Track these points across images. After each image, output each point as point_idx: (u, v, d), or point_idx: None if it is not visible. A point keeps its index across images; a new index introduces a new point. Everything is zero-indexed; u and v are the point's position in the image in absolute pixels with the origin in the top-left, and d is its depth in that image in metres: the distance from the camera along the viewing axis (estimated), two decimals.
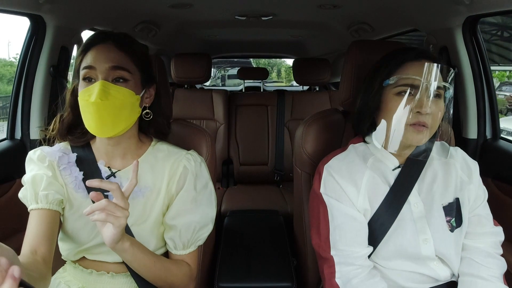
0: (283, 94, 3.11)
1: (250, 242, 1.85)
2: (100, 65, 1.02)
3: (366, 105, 1.12)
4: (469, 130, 1.87)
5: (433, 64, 1.00)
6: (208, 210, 1.16)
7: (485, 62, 1.84)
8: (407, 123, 1.01)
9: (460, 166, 1.15)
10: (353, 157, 1.15)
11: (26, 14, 1.62)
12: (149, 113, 1.13)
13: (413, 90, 1.01)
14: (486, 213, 1.16)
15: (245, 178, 3.02)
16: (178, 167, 1.14)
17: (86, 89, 1.02)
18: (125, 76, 1.04)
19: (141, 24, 2.48)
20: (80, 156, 1.13)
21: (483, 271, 1.09)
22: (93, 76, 1.03)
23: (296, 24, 2.91)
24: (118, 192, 0.89)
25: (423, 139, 1.02)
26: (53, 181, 1.09)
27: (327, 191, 1.11)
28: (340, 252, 1.06)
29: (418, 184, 1.12)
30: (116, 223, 0.88)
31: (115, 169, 1.12)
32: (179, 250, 1.12)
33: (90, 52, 1.05)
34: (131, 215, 1.08)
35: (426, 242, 1.07)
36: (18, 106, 1.76)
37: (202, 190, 1.15)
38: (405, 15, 2.07)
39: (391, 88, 1.05)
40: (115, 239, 0.91)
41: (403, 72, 1.04)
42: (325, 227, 1.09)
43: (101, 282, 1.11)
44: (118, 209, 0.87)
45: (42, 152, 1.12)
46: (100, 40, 1.06)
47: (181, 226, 1.10)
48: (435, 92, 1.00)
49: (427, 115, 0.99)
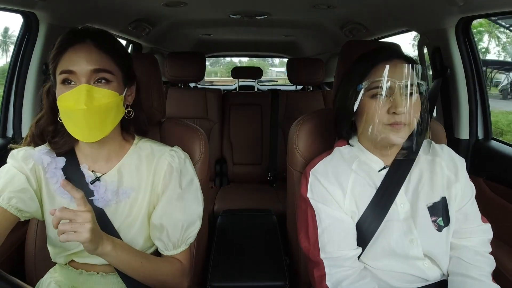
0: (277, 93, 3.11)
1: (243, 241, 1.85)
2: (81, 68, 0.96)
3: (344, 109, 1.13)
4: (461, 131, 1.89)
5: (403, 63, 1.02)
6: (194, 207, 1.14)
7: (477, 63, 1.86)
8: (385, 124, 1.03)
9: (446, 165, 1.15)
10: (338, 160, 1.16)
11: (19, 11, 1.61)
12: (130, 111, 1.10)
13: (387, 90, 1.02)
14: (473, 211, 1.16)
15: (239, 177, 3.01)
16: (162, 165, 1.12)
17: (67, 94, 0.96)
18: (107, 78, 0.99)
19: (135, 22, 2.47)
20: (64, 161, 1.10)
21: (472, 270, 1.09)
22: (73, 79, 0.97)
23: (290, 23, 2.92)
24: (80, 200, 0.88)
25: (403, 136, 1.03)
26: (28, 189, 1.04)
27: (314, 196, 1.11)
28: (329, 254, 1.07)
29: (405, 184, 1.12)
30: (81, 229, 0.85)
31: (100, 172, 1.10)
32: (170, 251, 1.10)
33: (67, 54, 0.97)
34: (117, 218, 1.08)
35: (413, 242, 1.08)
36: (10, 104, 1.74)
37: (188, 187, 1.13)
38: (399, 15, 2.08)
39: (366, 91, 1.06)
40: (90, 245, 0.89)
41: (376, 74, 1.04)
42: (313, 231, 1.09)
43: (92, 282, 1.10)
44: (78, 215, 0.85)
45: (27, 153, 1.08)
46: (77, 40, 0.99)
47: (168, 226, 1.08)
48: (409, 90, 1.01)
49: (403, 114, 1.00)
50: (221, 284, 1.52)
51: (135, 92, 1.12)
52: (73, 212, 0.86)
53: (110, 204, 1.08)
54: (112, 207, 1.08)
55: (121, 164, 1.12)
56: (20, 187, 1.03)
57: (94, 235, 0.88)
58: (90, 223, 0.86)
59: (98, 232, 0.91)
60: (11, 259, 1.38)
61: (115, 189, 1.08)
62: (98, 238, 0.91)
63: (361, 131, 1.12)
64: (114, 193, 1.08)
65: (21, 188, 1.03)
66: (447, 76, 1.88)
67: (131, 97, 1.11)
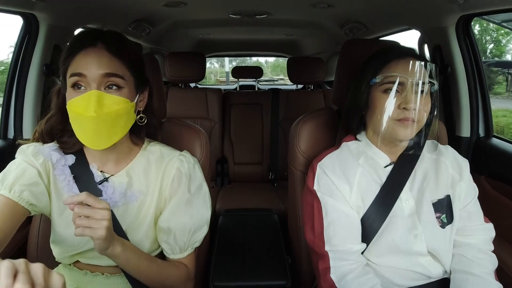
0: (278, 93, 3.11)
1: (244, 241, 1.85)
2: (92, 73, 0.94)
3: (355, 104, 1.15)
4: (462, 128, 1.89)
5: (417, 61, 1.04)
6: (203, 212, 1.14)
7: (478, 60, 1.86)
8: (394, 119, 1.05)
9: (451, 164, 1.17)
10: (345, 155, 1.17)
11: (19, 12, 1.61)
12: (143, 117, 1.08)
13: (399, 86, 1.05)
14: (476, 210, 1.18)
15: (240, 177, 3.01)
16: (171, 169, 1.11)
17: (76, 99, 0.95)
18: (118, 83, 0.97)
19: (135, 23, 2.47)
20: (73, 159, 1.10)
21: (475, 268, 1.09)
22: (84, 83, 0.95)
23: (290, 22, 2.91)
24: (89, 198, 0.86)
25: (411, 133, 1.06)
26: (40, 183, 1.03)
27: (321, 188, 1.12)
28: (334, 247, 1.07)
29: (410, 181, 1.13)
30: (97, 226, 0.85)
31: (108, 173, 1.10)
32: (176, 254, 1.10)
33: (78, 57, 0.96)
34: (125, 220, 1.08)
35: (417, 238, 1.09)
36: (11, 105, 1.74)
37: (197, 192, 1.13)
38: (399, 14, 2.08)
39: (378, 86, 1.09)
40: (102, 244, 0.88)
41: (389, 70, 1.07)
42: (319, 223, 1.10)
43: (96, 283, 1.10)
44: (96, 212, 0.85)
45: (36, 148, 1.07)
46: (89, 42, 0.97)
47: (176, 229, 1.08)
48: (420, 87, 1.03)
49: (413, 110, 1.03)
50: (223, 284, 1.52)
51: (147, 97, 1.11)
52: (91, 208, 0.85)
53: (117, 205, 1.08)
54: (121, 209, 1.08)
55: (130, 167, 1.11)
56: (31, 180, 1.01)
57: (109, 233, 0.88)
58: (107, 221, 0.86)
59: (112, 232, 0.91)
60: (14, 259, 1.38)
61: (123, 191, 1.08)
62: (111, 237, 0.91)
63: (370, 126, 1.15)
64: (122, 195, 1.08)
65: (33, 182, 1.01)
66: (447, 74, 1.88)
67: (143, 102, 1.09)
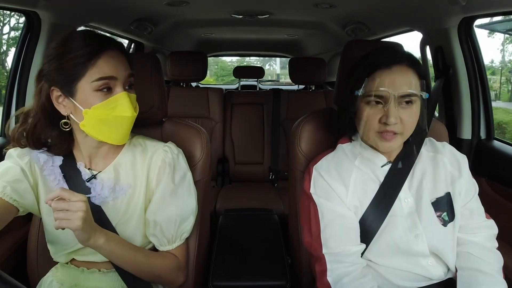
0: (279, 93, 3.11)
1: (244, 241, 1.85)
2: (121, 74, 1.00)
3: (345, 109, 1.16)
4: (464, 130, 1.89)
5: (402, 70, 1.03)
6: (188, 202, 1.15)
7: (480, 62, 1.86)
8: (376, 131, 1.05)
9: (449, 161, 1.16)
10: (341, 156, 1.17)
11: (22, 10, 1.61)
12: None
13: (381, 99, 1.03)
14: (478, 207, 1.17)
15: (240, 176, 3.01)
16: (156, 160, 1.13)
17: (108, 101, 0.98)
18: (132, 82, 1.05)
19: (137, 21, 2.47)
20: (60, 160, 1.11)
21: (482, 265, 1.09)
22: (112, 85, 0.99)
23: (292, 23, 2.92)
24: (64, 193, 0.88)
25: (394, 145, 1.06)
26: (23, 180, 1.05)
27: (317, 191, 1.12)
28: (331, 249, 1.07)
29: (408, 179, 1.13)
30: (73, 217, 0.87)
31: (96, 170, 1.11)
32: (164, 246, 1.12)
33: (102, 59, 0.97)
34: (115, 214, 1.10)
35: (418, 238, 1.08)
36: (13, 103, 1.74)
37: (181, 182, 1.14)
38: (401, 15, 2.08)
39: (361, 97, 1.07)
40: (82, 234, 0.90)
41: (372, 82, 1.04)
42: (316, 226, 1.10)
43: (93, 279, 1.11)
44: (71, 205, 0.87)
45: (23, 150, 1.09)
46: (106, 46, 0.99)
47: (162, 221, 1.10)
48: (405, 99, 1.02)
49: (395, 124, 1.02)
50: (223, 284, 1.52)
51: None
52: (67, 202, 0.88)
53: (107, 201, 1.09)
54: (110, 204, 1.10)
55: (117, 162, 1.13)
56: (14, 178, 1.03)
57: (85, 224, 0.89)
58: (82, 212, 0.88)
59: (91, 222, 0.93)
60: (14, 257, 1.39)
61: (112, 186, 1.10)
62: (90, 228, 0.93)
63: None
64: (110, 190, 1.10)
65: (16, 179, 1.04)
66: (449, 75, 1.88)
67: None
